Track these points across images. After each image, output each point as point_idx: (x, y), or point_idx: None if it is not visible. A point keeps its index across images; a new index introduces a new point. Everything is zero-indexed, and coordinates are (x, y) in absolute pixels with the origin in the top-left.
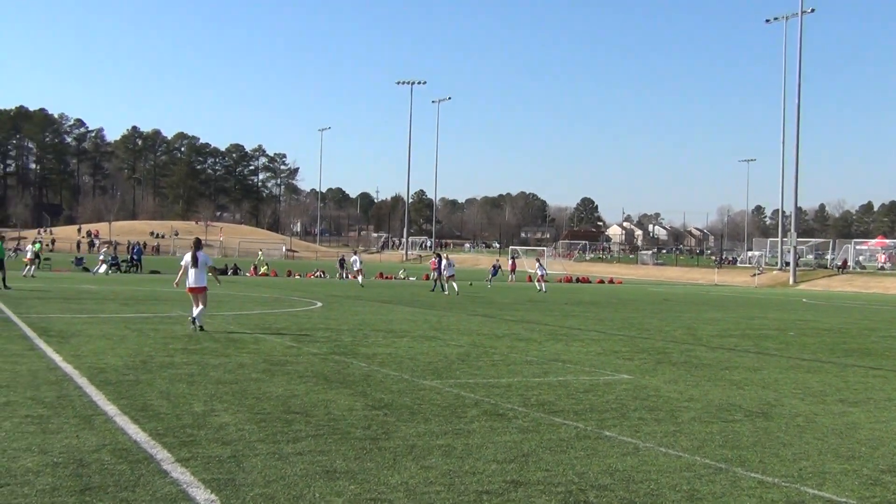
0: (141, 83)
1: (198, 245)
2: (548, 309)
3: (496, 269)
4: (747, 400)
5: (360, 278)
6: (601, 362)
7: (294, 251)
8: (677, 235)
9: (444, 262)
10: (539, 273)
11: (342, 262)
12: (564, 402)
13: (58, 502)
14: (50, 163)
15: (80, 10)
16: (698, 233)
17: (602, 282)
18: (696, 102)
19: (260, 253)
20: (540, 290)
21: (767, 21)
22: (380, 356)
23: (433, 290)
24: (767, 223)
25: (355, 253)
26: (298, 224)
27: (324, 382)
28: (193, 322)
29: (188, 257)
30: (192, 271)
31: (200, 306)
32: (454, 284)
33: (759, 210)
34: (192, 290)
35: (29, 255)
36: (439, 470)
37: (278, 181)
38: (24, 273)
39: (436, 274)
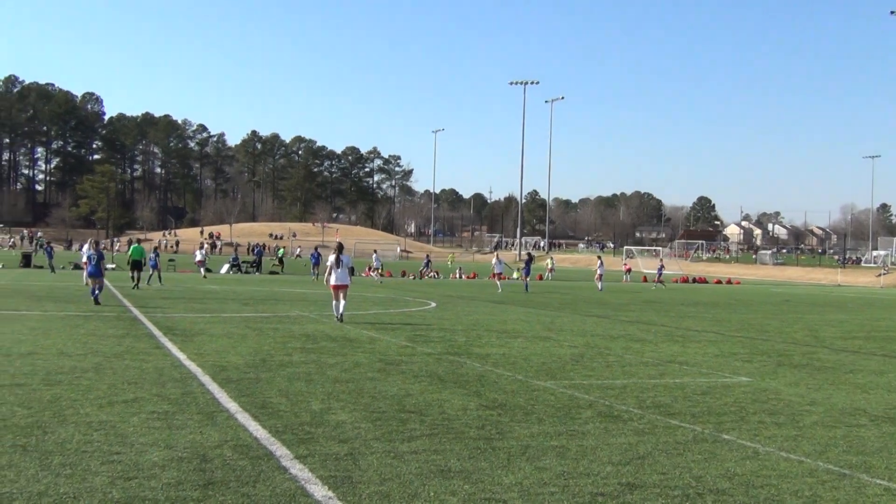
0: (260, 88)
1: (340, 248)
2: (664, 310)
3: (528, 266)
4: (872, 404)
5: (499, 283)
6: (719, 364)
7: (408, 252)
8: (798, 235)
9: (494, 260)
10: (599, 271)
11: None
12: (681, 405)
13: (182, 496)
14: (174, 167)
15: (201, 18)
16: (820, 232)
17: (719, 282)
18: (817, 97)
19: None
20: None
21: (892, 13)
22: (493, 356)
23: (527, 291)
24: (894, 221)
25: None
26: (412, 225)
27: (438, 382)
28: (340, 319)
29: (332, 258)
30: (336, 271)
31: (343, 301)
32: (498, 282)
33: (884, 208)
34: (335, 287)
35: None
36: (553, 471)
37: (393, 183)
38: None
39: (524, 273)
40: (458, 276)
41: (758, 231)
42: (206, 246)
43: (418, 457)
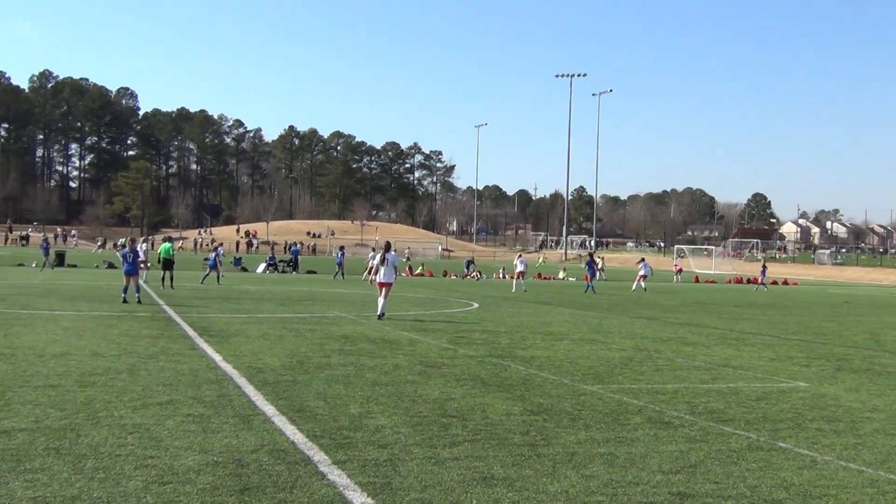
0: (297, 82)
1: (388, 247)
2: (716, 311)
3: (591, 266)
4: None
5: (519, 281)
6: (775, 368)
7: (450, 250)
8: (858, 233)
9: (517, 258)
10: (641, 272)
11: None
12: (735, 411)
13: (217, 502)
14: (210, 163)
15: (236, 11)
16: (881, 230)
17: (775, 283)
18: (876, 85)
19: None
20: (633, 290)
21: None
22: (538, 359)
23: (585, 292)
24: None
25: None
26: (454, 223)
27: (481, 386)
28: (380, 316)
29: (379, 257)
30: (381, 269)
31: (383, 299)
32: (522, 282)
33: None
34: (381, 284)
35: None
36: (601, 479)
37: (434, 179)
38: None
39: (590, 273)
40: (501, 276)
41: (815, 229)
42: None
43: (460, 463)
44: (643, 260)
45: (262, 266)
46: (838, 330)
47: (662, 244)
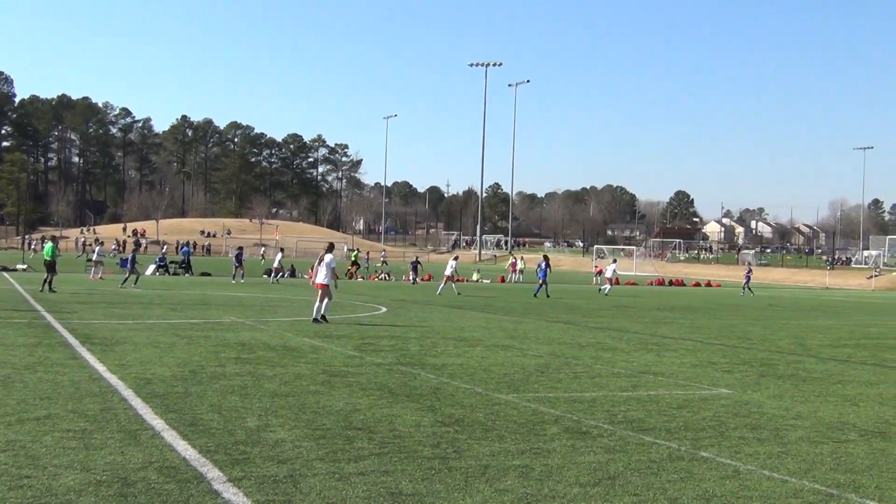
0: (191, 68)
1: (329, 248)
2: (637, 315)
3: (544, 269)
4: (862, 418)
5: (451, 285)
6: (697, 375)
7: (356, 251)
8: (783, 233)
9: (451, 263)
10: (607, 275)
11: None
12: (655, 419)
13: None
14: (94, 156)
15: None
16: (807, 230)
17: (698, 284)
18: (804, 85)
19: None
20: (607, 294)
21: None
22: (450, 367)
23: (536, 295)
24: (886, 218)
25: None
26: (361, 221)
27: (388, 395)
28: (322, 319)
29: (320, 258)
30: (319, 270)
31: (318, 301)
32: (454, 285)
33: (876, 204)
34: (319, 286)
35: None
36: (515, 493)
37: (339, 174)
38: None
39: (542, 276)
40: (410, 278)
41: (740, 229)
42: (102, 244)
43: (366, 478)
44: (615, 261)
45: (152, 268)
46: (762, 334)
47: (582, 244)
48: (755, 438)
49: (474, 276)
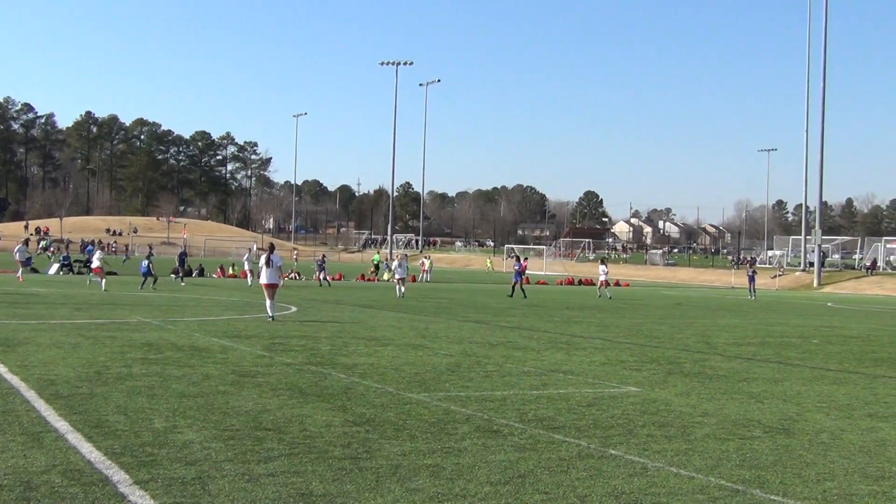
0: (95, 63)
1: (272, 249)
2: (547, 314)
3: (518, 270)
4: (767, 415)
5: (402, 288)
6: (606, 373)
7: (265, 250)
8: (690, 233)
9: (396, 262)
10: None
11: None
12: (565, 418)
13: None
14: None
15: None
16: (713, 230)
17: (607, 284)
18: (711, 87)
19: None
20: (609, 296)
21: None
22: (361, 366)
23: (511, 296)
24: (789, 219)
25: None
26: (271, 220)
27: (299, 396)
28: (272, 318)
29: (264, 258)
30: (266, 270)
31: (270, 301)
32: (403, 288)
33: (780, 205)
34: (266, 286)
35: None
36: (427, 493)
37: (249, 172)
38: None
39: (516, 278)
40: (320, 278)
41: (648, 229)
42: (29, 242)
43: (276, 479)
44: (603, 262)
45: (55, 267)
46: (670, 332)
47: (493, 243)
48: (663, 436)
49: (385, 276)
